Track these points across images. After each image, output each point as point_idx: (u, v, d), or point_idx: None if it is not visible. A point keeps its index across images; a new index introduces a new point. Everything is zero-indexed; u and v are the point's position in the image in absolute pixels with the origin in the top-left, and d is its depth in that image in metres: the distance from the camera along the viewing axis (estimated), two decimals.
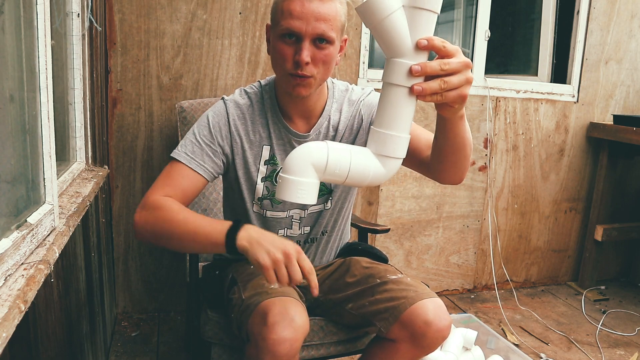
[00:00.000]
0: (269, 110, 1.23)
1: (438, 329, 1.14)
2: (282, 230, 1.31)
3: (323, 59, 1.09)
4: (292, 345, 1.03)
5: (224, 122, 1.21)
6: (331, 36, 1.07)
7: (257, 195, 1.26)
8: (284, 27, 1.06)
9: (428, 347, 1.18)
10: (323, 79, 1.14)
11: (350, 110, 1.27)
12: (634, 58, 2.74)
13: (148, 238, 1.10)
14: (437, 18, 0.88)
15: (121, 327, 2.10)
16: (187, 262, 1.58)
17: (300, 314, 1.07)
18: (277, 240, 0.98)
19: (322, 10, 1.04)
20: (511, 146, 2.60)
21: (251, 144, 1.23)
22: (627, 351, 2.15)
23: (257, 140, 1.23)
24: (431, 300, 1.17)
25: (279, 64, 1.11)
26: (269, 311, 1.05)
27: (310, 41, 1.06)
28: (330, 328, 1.35)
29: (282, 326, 1.02)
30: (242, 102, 1.23)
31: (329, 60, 1.10)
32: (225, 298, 1.30)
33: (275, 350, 1.01)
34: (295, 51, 1.07)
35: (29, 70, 0.93)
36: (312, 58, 1.07)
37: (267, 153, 1.24)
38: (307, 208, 1.30)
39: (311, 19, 1.04)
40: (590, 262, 2.78)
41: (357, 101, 1.28)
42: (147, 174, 2.09)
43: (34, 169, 0.97)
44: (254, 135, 1.23)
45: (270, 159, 1.24)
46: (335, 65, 1.15)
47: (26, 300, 0.70)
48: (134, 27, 1.96)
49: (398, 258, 2.53)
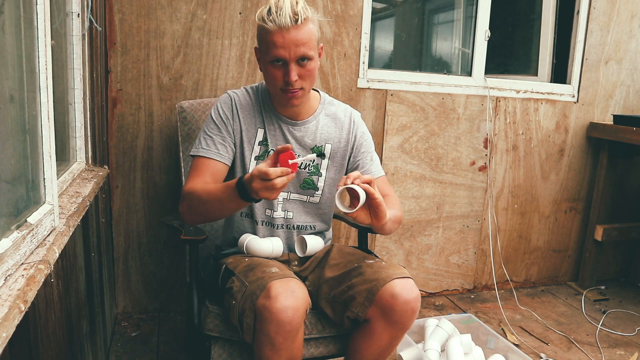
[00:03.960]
0: (264, 102, 1.45)
1: (405, 300, 1.25)
2: (269, 211, 1.46)
3: (308, 73, 1.32)
4: (295, 314, 1.14)
5: (227, 106, 1.43)
6: (311, 54, 1.29)
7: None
8: (271, 56, 1.28)
9: (400, 322, 1.27)
10: (311, 87, 1.37)
11: (342, 123, 1.50)
12: (634, 58, 2.74)
13: (194, 221, 1.34)
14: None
15: (121, 327, 2.10)
16: (187, 262, 1.59)
17: (301, 288, 1.19)
18: (251, 179, 1.13)
19: (299, 37, 1.26)
20: (511, 146, 2.60)
21: (248, 125, 1.43)
22: (627, 351, 2.15)
23: (253, 123, 1.44)
24: (401, 279, 1.27)
25: (272, 83, 1.34)
26: (272, 287, 1.16)
27: (294, 62, 1.28)
28: (328, 320, 1.39)
29: (284, 296, 1.14)
30: (242, 93, 1.46)
31: (312, 72, 1.33)
32: (221, 289, 1.35)
33: (279, 318, 1.13)
34: (284, 73, 1.30)
35: (29, 70, 0.93)
36: (299, 75, 1.30)
37: (261, 135, 1.44)
38: (289, 192, 1.47)
39: (292, 46, 1.26)
40: (590, 262, 2.78)
41: (349, 118, 1.52)
42: (147, 174, 2.09)
43: (34, 169, 0.97)
44: (251, 118, 1.44)
45: (263, 140, 1.44)
46: (319, 55, 1.37)
47: (26, 300, 0.70)
48: (134, 27, 1.96)
49: (398, 258, 2.53)
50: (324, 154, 1.47)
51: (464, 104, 2.48)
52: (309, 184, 1.47)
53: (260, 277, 1.22)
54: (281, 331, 1.14)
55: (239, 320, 1.22)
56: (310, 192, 1.48)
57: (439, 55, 3.03)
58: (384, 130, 2.36)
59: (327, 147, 1.48)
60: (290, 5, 1.25)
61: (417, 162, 2.46)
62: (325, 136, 1.47)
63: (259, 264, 1.30)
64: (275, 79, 1.31)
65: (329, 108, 1.50)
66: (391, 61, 2.97)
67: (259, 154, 1.43)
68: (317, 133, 1.46)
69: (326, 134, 1.47)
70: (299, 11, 1.25)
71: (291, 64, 1.28)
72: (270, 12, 1.26)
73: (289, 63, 1.28)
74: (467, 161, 2.54)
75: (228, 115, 1.42)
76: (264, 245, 1.41)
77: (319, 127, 1.47)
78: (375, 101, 2.33)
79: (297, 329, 1.16)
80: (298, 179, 1.46)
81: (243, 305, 1.20)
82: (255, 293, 1.18)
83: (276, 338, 1.14)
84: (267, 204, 1.46)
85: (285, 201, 1.46)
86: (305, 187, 1.47)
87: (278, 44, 1.26)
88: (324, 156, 1.48)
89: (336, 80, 2.25)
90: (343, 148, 1.49)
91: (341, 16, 2.20)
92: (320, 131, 1.47)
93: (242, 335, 1.23)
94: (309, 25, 1.28)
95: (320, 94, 1.51)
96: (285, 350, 1.17)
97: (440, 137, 2.47)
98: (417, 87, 2.39)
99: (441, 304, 2.54)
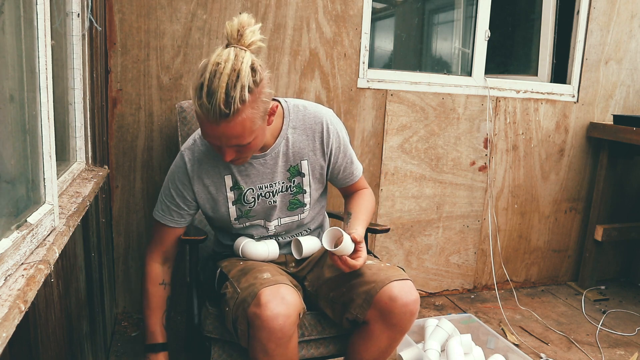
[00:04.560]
0: None
1: (404, 303, 1.22)
2: (258, 235, 1.45)
3: (249, 150, 1.21)
4: (286, 321, 1.12)
5: (182, 172, 1.35)
6: (246, 142, 1.16)
7: (232, 217, 1.40)
8: (204, 138, 1.18)
9: (399, 325, 1.26)
10: (258, 147, 1.23)
11: (314, 132, 1.38)
12: (634, 58, 2.74)
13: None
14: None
15: (121, 327, 2.10)
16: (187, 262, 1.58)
17: (292, 293, 1.17)
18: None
19: (228, 132, 1.11)
20: (511, 146, 2.60)
21: (212, 178, 1.35)
22: (627, 351, 2.15)
23: (217, 174, 1.35)
24: (399, 281, 1.25)
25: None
26: (262, 295, 1.15)
27: (229, 147, 1.17)
28: (327, 321, 1.39)
29: (274, 303, 1.12)
30: (196, 148, 1.35)
31: (254, 146, 1.20)
32: (217, 293, 1.35)
33: (271, 325, 1.10)
34: (219, 149, 1.20)
35: (29, 70, 0.93)
36: (237, 153, 1.20)
37: (229, 181, 1.36)
38: (280, 218, 1.43)
39: (223, 139, 1.14)
40: (590, 262, 2.78)
41: (321, 126, 1.38)
42: (147, 174, 2.09)
43: (34, 169, 0.97)
44: (213, 170, 1.34)
45: (234, 185, 1.36)
46: (268, 121, 1.23)
47: (26, 300, 0.70)
48: (134, 27, 1.96)
49: (398, 258, 2.53)
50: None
51: (464, 104, 2.48)
52: (295, 203, 1.42)
53: (252, 284, 1.20)
54: (273, 338, 1.12)
55: (233, 327, 1.22)
56: (300, 211, 1.44)
57: (439, 55, 3.03)
58: (384, 130, 2.36)
59: (303, 164, 1.38)
60: (226, 89, 1.06)
61: (417, 162, 2.45)
62: (299, 153, 1.36)
63: (252, 269, 1.29)
64: (215, 150, 1.26)
65: (295, 119, 1.36)
66: (391, 61, 2.97)
67: (235, 199, 1.37)
68: (289, 153, 1.36)
69: (299, 151, 1.36)
70: (232, 100, 1.06)
71: (225, 149, 1.17)
72: (201, 92, 1.07)
73: (223, 147, 1.18)
74: (467, 161, 2.54)
75: (185, 183, 1.34)
76: (260, 249, 1.40)
77: (289, 145, 1.35)
78: (375, 101, 2.33)
79: (290, 335, 1.15)
80: (284, 203, 1.40)
81: (235, 312, 1.20)
82: (247, 300, 1.17)
83: (268, 345, 1.13)
84: (258, 230, 1.44)
85: (277, 227, 1.44)
86: (293, 208, 1.43)
87: (207, 133, 1.14)
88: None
89: (336, 80, 2.25)
90: (320, 159, 1.39)
91: (341, 16, 2.20)
92: (292, 149, 1.35)
93: (238, 340, 1.23)
94: (244, 114, 1.10)
95: (282, 106, 1.36)
96: (279, 356, 1.16)
97: (440, 137, 2.47)
98: (417, 87, 2.39)
99: (441, 304, 2.54)
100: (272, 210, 1.41)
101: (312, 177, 1.40)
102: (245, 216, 1.40)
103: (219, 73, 1.06)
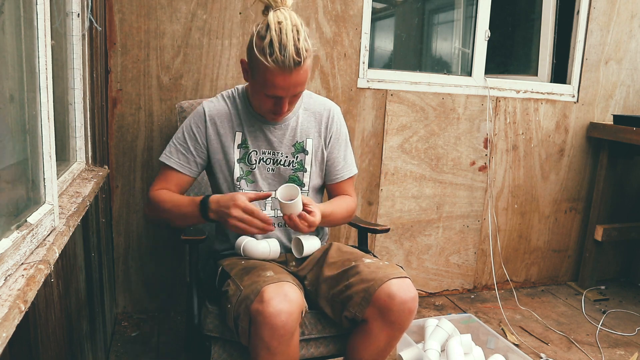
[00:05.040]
0: (242, 106, 1.45)
1: (402, 301, 1.23)
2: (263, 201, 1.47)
3: (297, 100, 1.35)
4: (289, 317, 1.13)
5: (200, 117, 1.43)
6: (303, 90, 1.31)
7: (235, 176, 1.44)
8: (268, 93, 1.27)
9: (397, 323, 1.26)
10: (298, 98, 1.37)
11: (321, 116, 1.50)
12: (634, 58, 2.74)
13: (157, 223, 1.45)
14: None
15: (121, 327, 2.10)
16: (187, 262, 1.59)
17: (294, 291, 1.19)
18: (230, 204, 1.22)
19: (299, 78, 1.25)
20: (511, 146, 2.61)
21: (225, 131, 1.44)
22: (627, 351, 2.15)
23: (230, 128, 1.44)
24: (398, 279, 1.26)
25: (259, 105, 1.35)
26: (265, 291, 1.16)
27: (291, 97, 1.30)
28: (327, 320, 1.39)
29: (277, 300, 1.13)
30: (216, 101, 1.47)
31: (300, 96, 1.35)
32: (218, 292, 1.35)
33: (273, 322, 1.11)
34: (276, 103, 1.30)
35: (29, 70, 0.93)
36: (289, 103, 1.32)
37: (239, 137, 1.44)
38: (275, 191, 1.45)
39: (291, 88, 1.26)
40: (590, 262, 2.78)
41: (328, 111, 1.51)
42: (147, 174, 2.09)
43: (34, 169, 0.97)
44: (228, 124, 1.44)
45: (242, 143, 1.44)
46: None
47: (26, 300, 0.70)
48: (134, 27, 1.96)
49: (398, 258, 2.53)
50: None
51: (464, 104, 2.48)
52: (294, 181, 1.48)
53: (255, 281, 1.21)
54: (276, 335, 1.13)
55: (234, 324, 1.22)
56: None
57: (439, 55, 3.03)
58: (384, 130, 2.36)
59: (308, 142, 1.48)
60: (293, 42, 1.19)
61: (417, 162, 2.46)
62: (306, 131, 1.48)
63: (254, 267, 1.30)
64: (265, 104, 1.32)
65: (308, 102, 1.50)
66: (391, 61, 2.97)
67: (240, 157, 1.44)
68: (298, 129, 1.46)
69: (306, 129, 1.48)
70: (301, 49, 1.20)
71: (285, 99, 1.29)
72: (272, 48, 1.20)
73: (283, 99, 1.29)
74: (467, 161, 2.54)
75: (200, 127, 1.42)
76: (261, 248, 1.41)
77: (299, 122, 1.47)
78: (375, 101, 2.33)
79: (292, 333, 1.16)
80: (283, 177, 1.47)
81: (238, 309, 1.20)
82: (250, 297, 1.17)
83: (271, 342, 1.14)
84: (255, 204, 1.45)
85: (273, 199, 1.47)
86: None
87: (278, 85, 1.24)
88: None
89: (336, 80, 2.25)
90: (322, 142, 1.50)
91: (341, 16, 2.20)
92: (301, 127, 1.47)
93: (238, 338, 1.23)
94: (308, 62, 1.25)
95: None
96: (281, 354, 1.16)
97: (440, 137, 2.47)
98: (417, 87, 2.39)
99: (441, 304, 2.54)
100: (272, 180, 1.46)
101: (315, 158, 1.49)
102: (245, 178, 1.45)
103: (284, 29, 1.19)
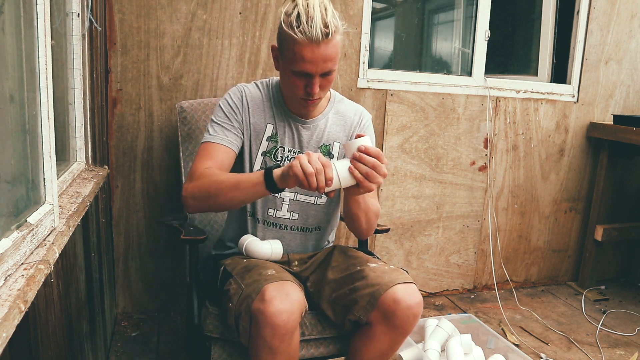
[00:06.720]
0: (275, 98, 1.42)
1: (407, 306, 1.23)
2: (272, 210, 1.44)
3: (328, 84, 1.29)
4: (290, 317, 1.13)
5: (237, 97, 1.40)
6: (335, 68, 1.26)
7: (254, 168, 1.41)
8: (297, 67, 1.23)
9: (401, 327, 1.26)
10: (330, 84, 1.33)
11: (351, 122, 1.47)
12: (634, 58, 2.74)
13: (198, 203, 1.28)
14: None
15: (121, 327, 2.10)
16: (187, 262, 1.59)
17: (296, 291, 1.18)
18: (293, 165, 1.13)
19: (328, 52, 1.21)
20: (511, 146, 2.61)
21: (257, 120, 1.40)
22: (627, 351, 2.15)
23: (262, 117, 1.41)
24: (404, 284, 1.26)
25: (291, 90, 1.31)
26: (266, 290, 1.15)
27: (319, 76, 1.25)
28: (328, 321, 1.39)
29: (279, 300, 1.13)
30: (253, 87, 1.44)
31: (331, 81, 1.30)
32: (219, 291, 1.34)
33: (274, 321, 1.12)
34: (307, 84, 1.26)
35: (29, 70, 0.93)
36: (320, 86, 1.27)
37: (270, 130, 1.41)
38: (296, 193, 1.44)
39: (320, 62, 1.21)
40: (590, 262, 2.78)
41: (359, 117, 1.48)
42: (147, 174, 2.09)
43: (34, 169, 0.97)
44: (261, 112, 1.41)
45: (272, 136, 1.41)
46: None
47: (26, 300, 0.70)
48: (134, 27, 1.96)
49: (398, 258, 2.53)
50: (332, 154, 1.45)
51: (464, 104, 2.48)
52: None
53: (256, 280, 1.21)
54: (277, 334, 1.13)
55: (235, 323, 1.22)
56: (319, 194, 1.44)
57: (439, 55, 3.03)
58: (384, 130, 2.36)
59: (335, 145, 1.45)
60: (321, 15, 1.18)
61: (417, 162, 2.46)
62: (334, 135, 1.45)
63: (256, 266, 1.30)
64: (297, 87, 1.28)
65: (339, 106, 1.47)
66: (391, 61, 2.97)
67: (266, 150, 1.40)
68: (326, 132, 1.44)
69: (334, 133, 1.45)
70: (329, 22, 1.19)
71: (315, 78, 1.24)
72: (299, 20, 1.18)
73: (313, 77, 1.24)
74: (467, 161, 2.54)
75: (238, 105, 1.38)
76: (263, 248, 1.40)
77: (327, 125, 1.44)
78: (375, 101, 2.33)
79: (293, 332, 1.16)
80: None
81: (239, 308, 1.20)
82: (251, 296, 1.17)
83: (272, 341, 1.14)
84: (271, 202, 1.42)
85: (291, 202, 1.43)
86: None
87: (306, 58, 1.21)
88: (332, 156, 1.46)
89: (336, 80, 2.25)
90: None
91: (341, 16, 2.19)
92: (329, 130, 1.44)
93: (239, 337, 1.23)
94: (337, 38, 1.23)
95: (330, 91, 1.47)
96: (282, 353, 1.16)
97: (440, 137, 2.47)
98: (417, 87, 2.39)
99: (441, 304, 2.54)
100: None
101: None
102: None
103: (311, 4, 1.19)
